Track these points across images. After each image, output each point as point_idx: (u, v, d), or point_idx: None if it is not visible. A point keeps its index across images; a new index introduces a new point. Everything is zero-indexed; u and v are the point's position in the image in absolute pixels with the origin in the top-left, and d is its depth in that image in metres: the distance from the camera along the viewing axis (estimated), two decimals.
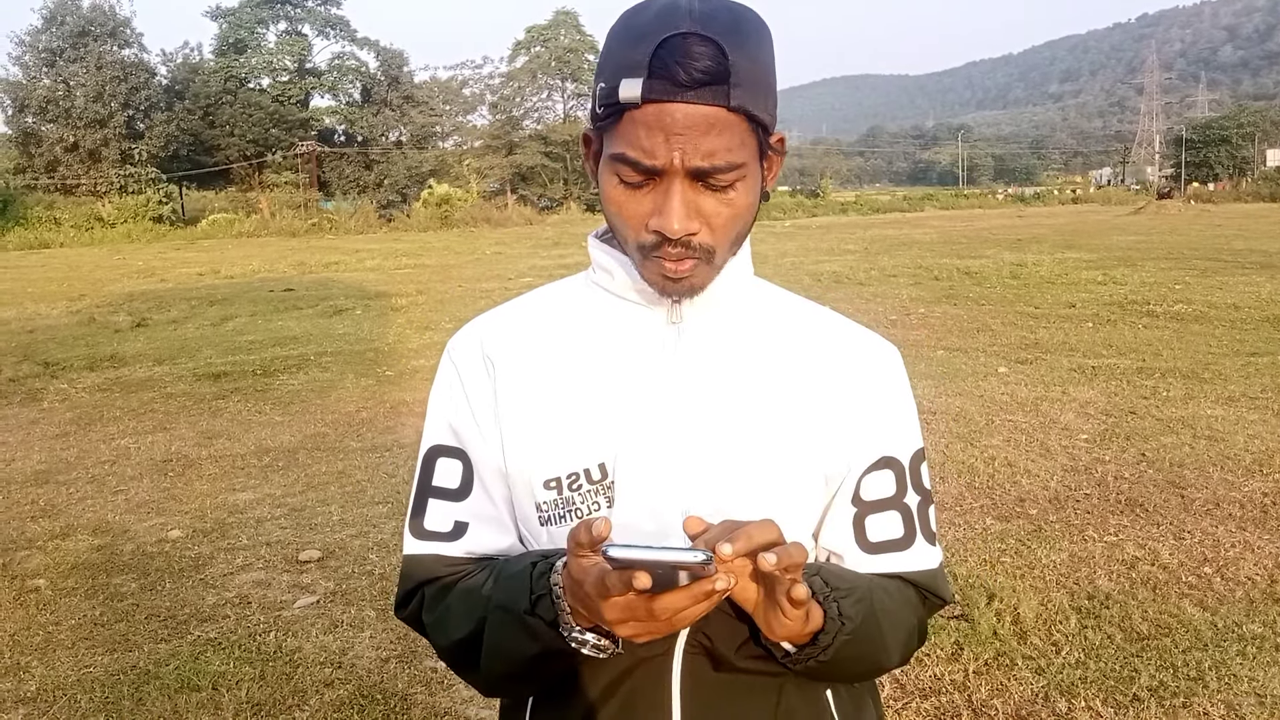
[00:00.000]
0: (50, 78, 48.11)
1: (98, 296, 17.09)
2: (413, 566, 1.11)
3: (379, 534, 4.94)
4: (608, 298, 1.08)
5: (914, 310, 12.24)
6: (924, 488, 1.12)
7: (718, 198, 0.96)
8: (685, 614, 0.85)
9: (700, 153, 0.92)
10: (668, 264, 0.97)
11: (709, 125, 0.91)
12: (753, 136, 0.95)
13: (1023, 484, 5.36)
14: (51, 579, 4.51)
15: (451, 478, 1.10)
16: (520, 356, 1.09)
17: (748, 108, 0.93)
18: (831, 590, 0.98)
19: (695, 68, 0.90)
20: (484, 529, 1.09)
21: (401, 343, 11.07)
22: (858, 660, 1.01)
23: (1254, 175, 72.40)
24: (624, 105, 0.92)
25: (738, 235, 1.01)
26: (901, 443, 1.11)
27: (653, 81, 0.90)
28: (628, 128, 0.93)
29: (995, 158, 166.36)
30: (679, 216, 0.94)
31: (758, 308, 1.11)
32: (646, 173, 0.94)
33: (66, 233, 39.35)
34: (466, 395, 1.09)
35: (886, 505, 1.10)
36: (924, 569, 1.11)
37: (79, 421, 7.75)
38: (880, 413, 1.10)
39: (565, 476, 1.03)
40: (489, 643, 1.01)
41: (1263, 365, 8.21)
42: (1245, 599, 3.85)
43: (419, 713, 3.26)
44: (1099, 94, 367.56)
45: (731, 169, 0.94)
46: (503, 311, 1.15)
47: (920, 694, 3.23)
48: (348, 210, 47.30)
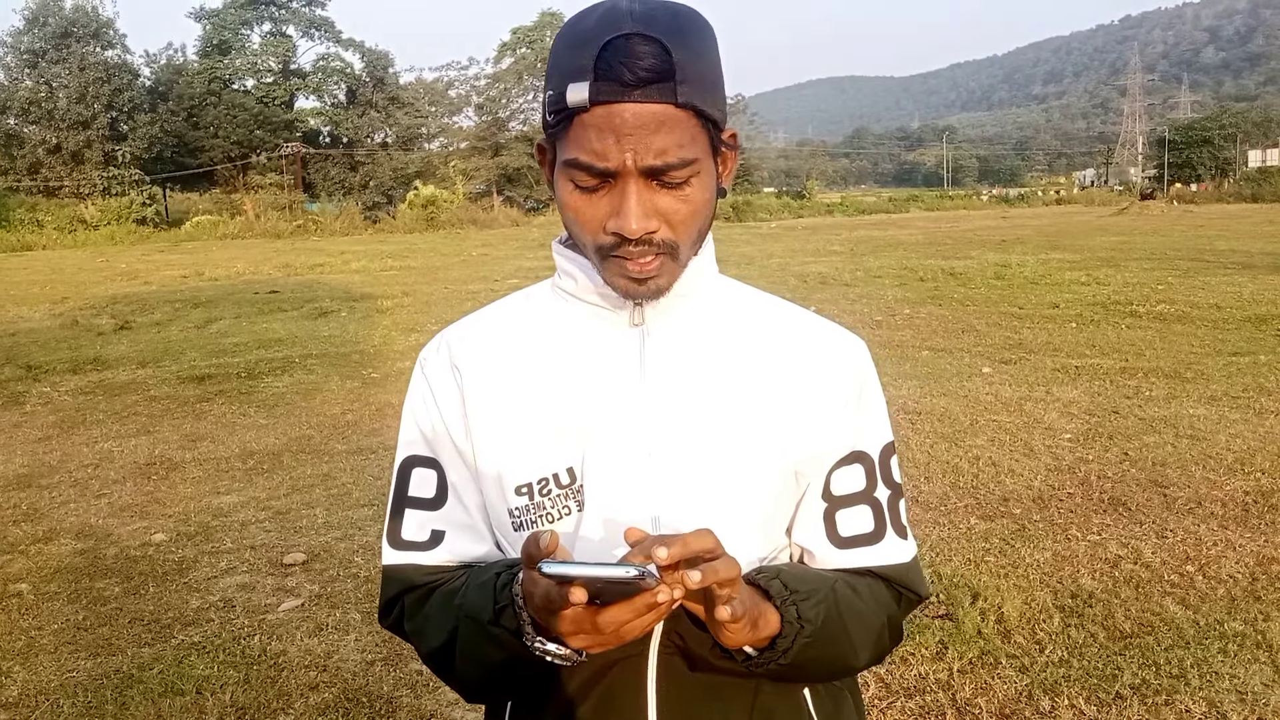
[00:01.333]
0: (32, 79, 47.79)
1: (81, 299, 16.98)
2: (392, 576, 1.12)
3: (364, 536, 4.93)
4: (572, 303, 1.09)
5: (899, 311, 12.28)
6: (894, 481, 1.13)
7: (674, 195, 0.96)
8: (631, 626, 0.86)
9: (652, 151, 0.92)
10: (630, 264, 0.97)
11: (658, 123, 0.92)
12: (703, 132, 0.96)
13: (1007, 483, 5.39)
14: (34, 583, 4.48)
15: (426, 487, 1.11)
16: (488, 365, 1.09)
17: (695, 104, 0.93)
18: (791, 594, 0.98)
19: (640, 67, 0.90)
20: (460, 537, 1.10)
21: (387, 345, 11.04)
22: (822, 661, 1.01)
23: (1236, 176, 72.96)
24: (572, 110, 0.92)
25: (698, 232, 1.00)
26: (871, 437, 1.11)
27: (599, 84, 0.91)
28: (578, 132, 0.93)
29: (980, 159, 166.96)
30: (636, 216, 0.94)
31: (722, 306, 1.11)
32: (600, 175, 0.94)
33: (49, 235, 39.06)
34: (438, 406, 1.10)
35: (856, 500, 1.10)
36: (895, 563, 1.11)
37: (62, 425, 7.70)
38: (848, 407, 1.09)
39: (536, 482, 1.04)
40: (461, 651, 1.02)
41: (1244, 365, 8.27)
42: (1227, 597, 3.88)
43: (404, 715, 3.26)
44: (1082, 95, 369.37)
45: (684, 165, 0.94)
46: (471, 321, 1.15)
47: (905, 693, 3.24)
48: (333, 212, 47.13)
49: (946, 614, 3.76)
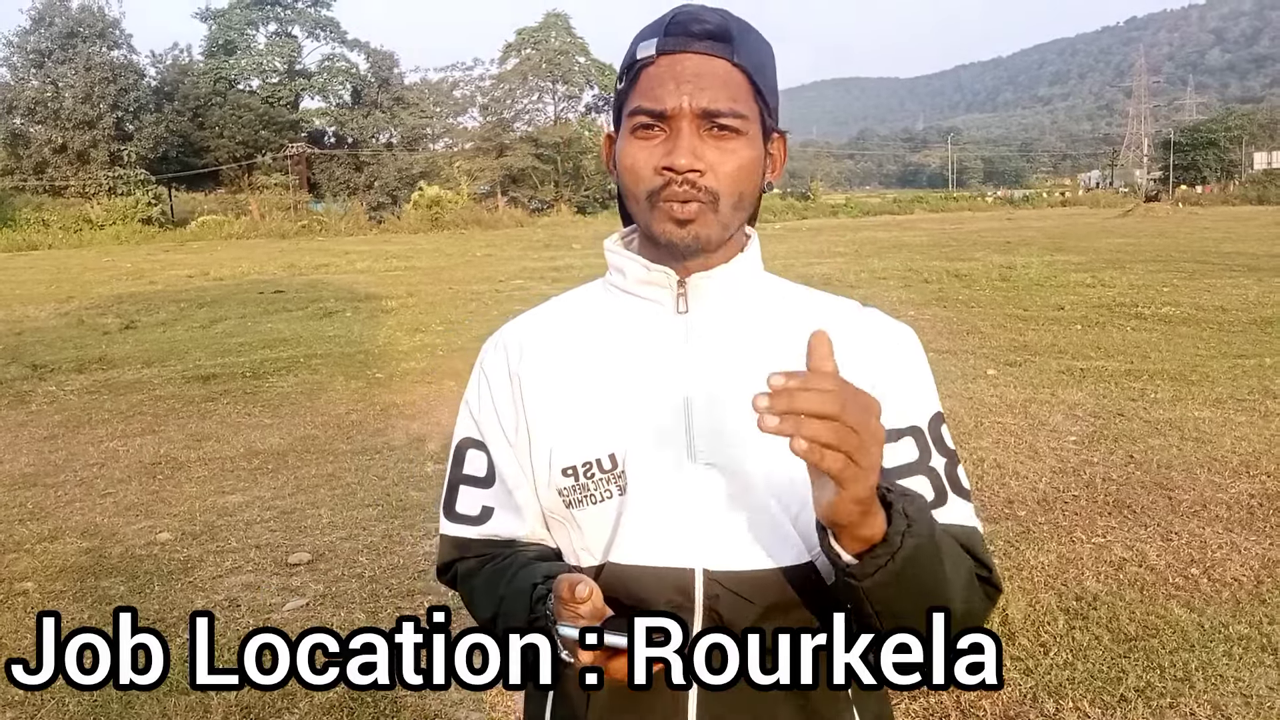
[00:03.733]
0: (38, 79, 47.88)
1: (86, 298, 17.02)
2: (447, 545, 1.25)
3: (369, 537, 4.93)
4: (621, 296, 1.16)
5: (904, 313, 12.26)
6: (948, 448, 1.13)
7: (722, 146, 1.04)
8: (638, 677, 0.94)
9: (707, 95, 1.02)
10: (675, 206, 1.04)
11: (714, 74, 1.03)
12: (755, 104, 1.06)
13: (1011, 486, 5.38)
14: (39, 581, 4.49)
15: (479, 466, 1.21)
16: (542, 360, 1.17)
17: (750, 70, 1.04)
18: (901, 495, 0.93)
19: (705, 24, 1.03)
20: (505, 515, 1.20)
21: (392, 345, 11.04)
22: (920, 586, 0.94)
23: (1241, 178, 72.84)
24: (641, 63, 1.04)
25: (740, 194, 1.07)
26: (917, 411, 1.12)
27: (666, 38, 1.04)
28: (643, 85, 1.05)
29: (984, 160, 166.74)
30: (685, 152, 1.02)
31: (765, 299, 1.16)
32: (658, 117, 1.03)
33: (55, 234, 39.17)
34: (494, 401, 1.20)
35: (912, 470, 1.10)
36: (964, 524, 1.10)
37: (67, 424, 7.72)
38: (894, 386, 1.10)
39: (580, 465, 1.11)
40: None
41: (1250, 367, 8.25)
42: (1232, 600, 3.88)
43: (408, 715, 3.26)
44: (1087, 97, 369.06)
45: (735, 115, 1.03)
46: (528, 320, 1.24)
47: (909, 695, 3.24)
48: (338, 212, 47.21)
49: None
